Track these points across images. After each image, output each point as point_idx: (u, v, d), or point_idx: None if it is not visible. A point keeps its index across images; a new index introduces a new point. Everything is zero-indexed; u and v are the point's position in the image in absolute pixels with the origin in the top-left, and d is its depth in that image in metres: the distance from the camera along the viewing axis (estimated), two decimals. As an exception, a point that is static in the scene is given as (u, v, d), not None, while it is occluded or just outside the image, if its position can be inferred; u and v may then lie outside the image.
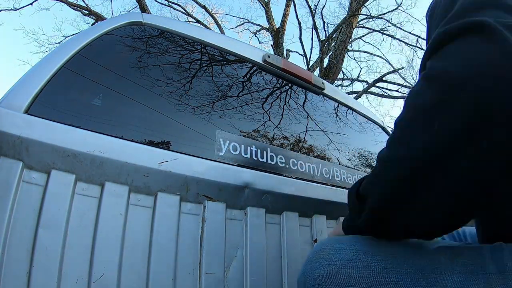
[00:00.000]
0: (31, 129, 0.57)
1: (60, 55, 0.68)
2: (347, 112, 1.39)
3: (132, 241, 0.63)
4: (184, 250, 0.69)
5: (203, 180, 0.73)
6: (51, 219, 0.56)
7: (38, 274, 0.52)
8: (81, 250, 0.58)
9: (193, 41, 0.94)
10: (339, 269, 0.46)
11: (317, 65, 6.33)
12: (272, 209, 0.86)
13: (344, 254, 0.48)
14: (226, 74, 0.97)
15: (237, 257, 0.76)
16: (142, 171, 0.66)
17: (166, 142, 0.77)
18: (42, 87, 0.62)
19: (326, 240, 0.53)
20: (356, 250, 0.48)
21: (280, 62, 1.10)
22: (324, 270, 0.47)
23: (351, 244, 0.49)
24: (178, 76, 0.86)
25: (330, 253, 0.49)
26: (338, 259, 0.47)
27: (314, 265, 0.49)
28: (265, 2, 7.50)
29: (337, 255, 0.48)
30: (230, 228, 0.77)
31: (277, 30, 7.05)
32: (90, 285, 0.56)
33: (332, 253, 0.48)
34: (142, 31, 0.84)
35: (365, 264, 0.46)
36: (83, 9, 6.87)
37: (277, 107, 1.07)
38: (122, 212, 0.63)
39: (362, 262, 0.46)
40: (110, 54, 0.76)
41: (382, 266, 0.45)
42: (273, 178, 0.86)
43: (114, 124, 0.70)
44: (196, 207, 0.73)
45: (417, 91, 0.39)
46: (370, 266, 0.46)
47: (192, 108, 0.84)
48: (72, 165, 0.60)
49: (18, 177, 0.55)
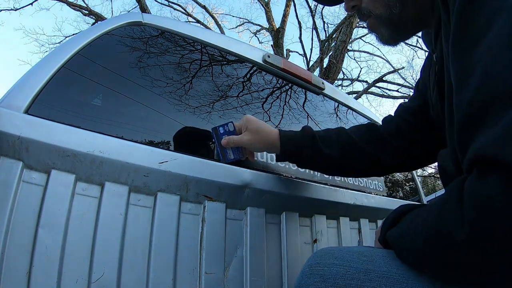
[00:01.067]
0: (31, 129, 0.57)
1: (60, 55, 0.68)
2: (347, 112, 1.39)
3: (132, 241, 0.63)
4: (184, 250, 0.69)
5: (203, 180, 0.73)
6: (51, 219, 0.56)
7: (38, 274, 0.52)
8: (81, 250, 0.57)
9: (193, 41, 0.94)
10: (331, 287, 0.46)
11: (317, 65, 6.33)
12: (272, 209, 0.86)
13: (337, 271, 0.48)
14: (226, 74, 0.97)
15: (237, 257, 0.76)
16: (142, 171, 0.66)
17: (166, 142, 0.77)
18: (42, 87, 0.62)
19: (320, 253, 0.53)
20: (350, 267, 0.48)
21: (280, 62, 1.10)
22: (317, 287, 0.47)
23: (345, 260, 0.49)
24: (178, 76, 0.86)
25: (323, 269, 0.49)
26: (331, 276, 0.47)
27: (308, 281, 0.49)
28: (265, 2, 7.50)
29: (330, 271, 0.48)
30: (230, 228, 0.77)
31: (277, 30, 7.05)
32: (90, 285, 0.56)
33: (326, 269, 0.48)
34: (142, 31, 0.84)
35: (357, 283, 0.46)
36: (83, 9, 6.87)
37: (277, 107, 1.08)
38: (122, 212, 0.63)
39: (354, 281, 0.46)
40: (110, 54, 0.76)
41: (375, 287, 0.45)
42: (273, 178, 0.86)
43: (114, 124, 0.70)
44: (196, 207, 0.73)
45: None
46: (362, 286, 0.46)
47: (192, 108, 0.84)
48: (72, 165, 0.60)
49: (18, 177, 0.55)
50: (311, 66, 6.39)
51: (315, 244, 0.94)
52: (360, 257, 0.49)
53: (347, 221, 1.06)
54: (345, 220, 1.05)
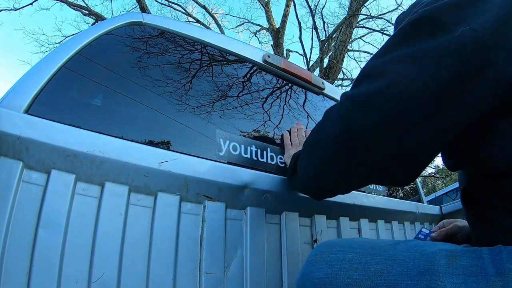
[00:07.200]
0: (31, 129, 0.57)
1: (60, 55, 0.68)
2: (347, 112, 1.39)
3: (132, 241, 0.63)
4: (184, 250, 0.69)
5: (203, 180, 0.73)
6: (51, 219, 0.56)
7: (38, 274, 0.52)
8: (81, 250, 0.57)
9: (193, 41, 0.94)
10: (338, 272, 0.46)
11: (317, 65, 6.32)
12: (272, 209, 0.86)
13: (343, 256, 0.48)
14: (226, 74, 0.97)
15: (237, 257, 0.76)
16: (142, 171, 0.66)
17: (166, 142, 0.77)
18: (42, 87, 0.62)
19: (325, 244, 0.53)
20: (356, 253, 0.48)
21: (280, 62, 1.10)
22: (323, 273, 0.47)
23: (350, 246, 0.49)
24: (178, 76, 0.86)
25: (329, 255, 0.49)
26: (337, 261, 0.47)
27: (313, 268, 0.49)
28: (265, 2, 7.50)
29: (336, 257, 0.48)
30: (230, 228, 0.77)
31: (277, 30, 7.05)
32: (90, 285, 0.56)
33: (332, 256, 0.49)
34: (142, 31, 0.84)
35: (364, 266, 0.46)
36: (83, 9, 6.88)
37: (277, 107, 1.07)
38: (122, 212, 0.63)
39: (361, 265, 0.46)
40: (110, 54, 0.76)
41: (382, 269, 0.46)
42: (273, 178, 0.86)
43: (114, 124, 0.70)
44: (196, 207, 0.73)
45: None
46: (369, 269, 0.46)
47: (192, 108, 0.84)
48: (72, 165, 0.60)
49: (18, 177, 0.55)
50: (311, 66, 6.38)
51: (315, 244, 0.94)
52: (365, 243, 0.50)
53: (347, 221, 1.06)
54: (345, 220, 1.05)
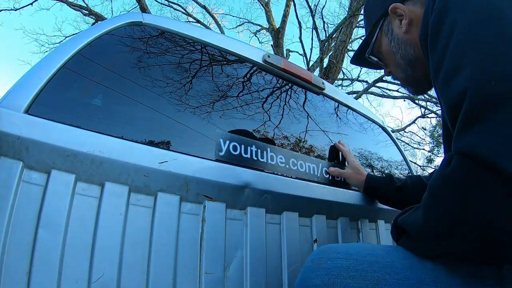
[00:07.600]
0: (31, 129, 0.57)
1: (60, 55, 0.68)
2: (347, 112, 1.39)
3: (132, 241, 0.63)
4: (184, 250, 0.69)
5: (203, 180, 0.73)
6: (51, 219, 0.56)
7: (38, 274, 0.52)
8: (81, 250, 0.57)
9: (193, 41, 0.94)
10: (336, 280, 0.46)
11: (317, 65, 6.32)
12: (272, 209, 0.86)
13: (341, 263, 0.48)
14: (226, 74, 0.97)
15: (237, 257, 0.76)
16: (142, 171, 0.66)
17: (166, 142, 0.77)
18: (42, 87, 0.62)
19: (322, 249, 0.53)
20: (353, 260, 0.48)
21: (280, 62, 1.10)
22: (321, 280, 0.47)
23: (348, 253, 0.49)
24: (178, 76, 0.86)
25: (327, 262, 0.49)
26: (335, 268, 0.47)
27: (311, 275, 0.49)
28: (265, 2, 7.50)
29: (334, 264, 0.48)
30: (230, 228, 0.77)
31: (277, 30, 7.05)
32: (90, 285, 0.56)
33: (329, 263, 0.48)
34: (142, 31, 0.84)
35: (361, 274, 0.46)
36: (83, 9, 6.87)
37: (277, 107, 1.07)
38: (122, 212, 0.63)
39: (358, 272, 0.46)
40: (110, 54, 0.76)
41: (379, 277, 0.45)
42: (273, 178, 0.86)
43: (114, 124, 0.70)
44: (196, 207, 0.73)
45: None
46: (366, 277, 0.46)
47: (192, 108, 0.84)
48: (72, 165, 0.60)
49: (18, 177, 0.55)
50: (311, 66, 6.38)
51: (315, 244, 0.94)
52: (363, 250, 0.50)
53: (347, 221, 1.06)
54: (345, 220, 1.05)
